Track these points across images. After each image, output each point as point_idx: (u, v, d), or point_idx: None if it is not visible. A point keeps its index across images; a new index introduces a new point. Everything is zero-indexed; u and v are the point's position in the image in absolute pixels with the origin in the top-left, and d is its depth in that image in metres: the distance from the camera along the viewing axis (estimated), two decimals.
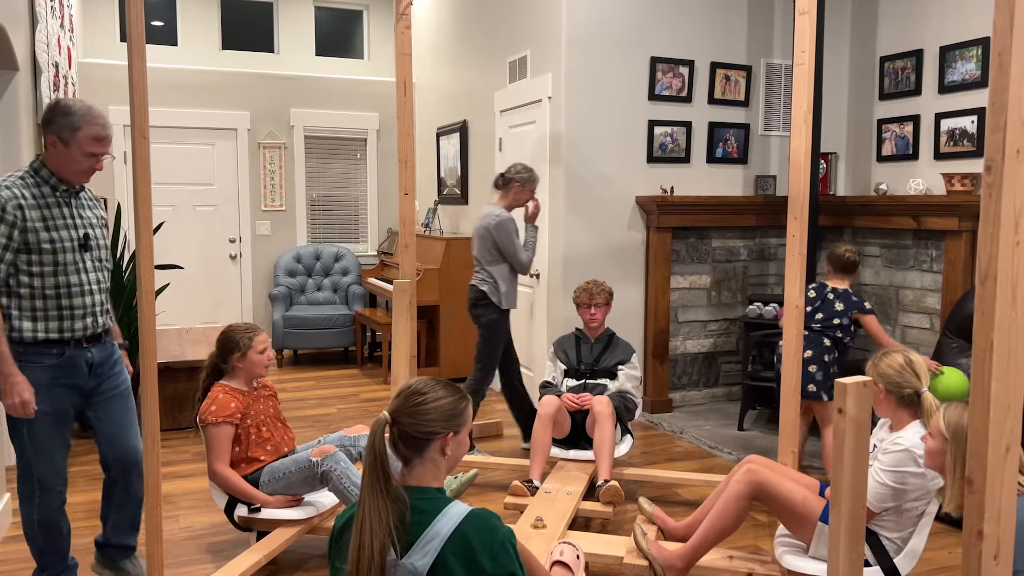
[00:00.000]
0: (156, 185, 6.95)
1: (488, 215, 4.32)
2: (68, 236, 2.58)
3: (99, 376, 2.75)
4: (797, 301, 3.43)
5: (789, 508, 2.67)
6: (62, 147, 2.55)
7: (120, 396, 2.83)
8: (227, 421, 3.03)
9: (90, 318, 2.66)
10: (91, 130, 2.55)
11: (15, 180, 2.54)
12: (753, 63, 5.38)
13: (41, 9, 4.65)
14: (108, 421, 2.79)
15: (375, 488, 1.54)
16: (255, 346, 3.12)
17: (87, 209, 2.72)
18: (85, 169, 2.59)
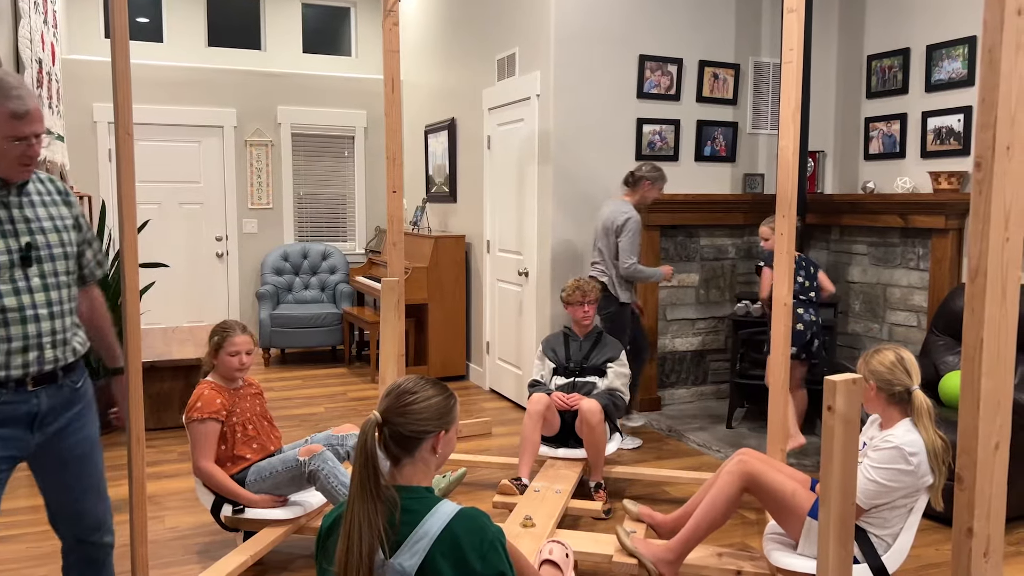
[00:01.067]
0: (141, 183, 6.90)
1: (617, 210, 4.48)
2: (3, 247, 1.94)
3: (46, 431, 2.07)
4: (786, 299, 3.44)
5: (779, 500, 2.67)
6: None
7: (78, 459, 2.15)
8: (212, 417, 3.01)
9: (33, 352, 1.99)
10: (4, 107, 1.89)
11: None
12: (741, 61, 5.39)
13: (24, 4, 4.60)
14: (56, 488, 2.16)
15: (365, 488, 1.53)
16: (226, 347, 3.09)
17: (38, 208, 2.05)
18: (13, 159, 1.94)
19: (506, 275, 5.70)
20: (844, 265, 5.20)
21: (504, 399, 5.78)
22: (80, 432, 2.16)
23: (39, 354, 2.02)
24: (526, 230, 5.33)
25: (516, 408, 5.51)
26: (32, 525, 3.50)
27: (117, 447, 4.61)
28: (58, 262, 2.06)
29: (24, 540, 3.35)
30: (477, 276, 6.21)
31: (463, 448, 4.52)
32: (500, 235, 5.79)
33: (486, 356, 6.07)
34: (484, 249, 6.01)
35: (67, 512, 2.19)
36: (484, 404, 5.68)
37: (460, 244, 6.27)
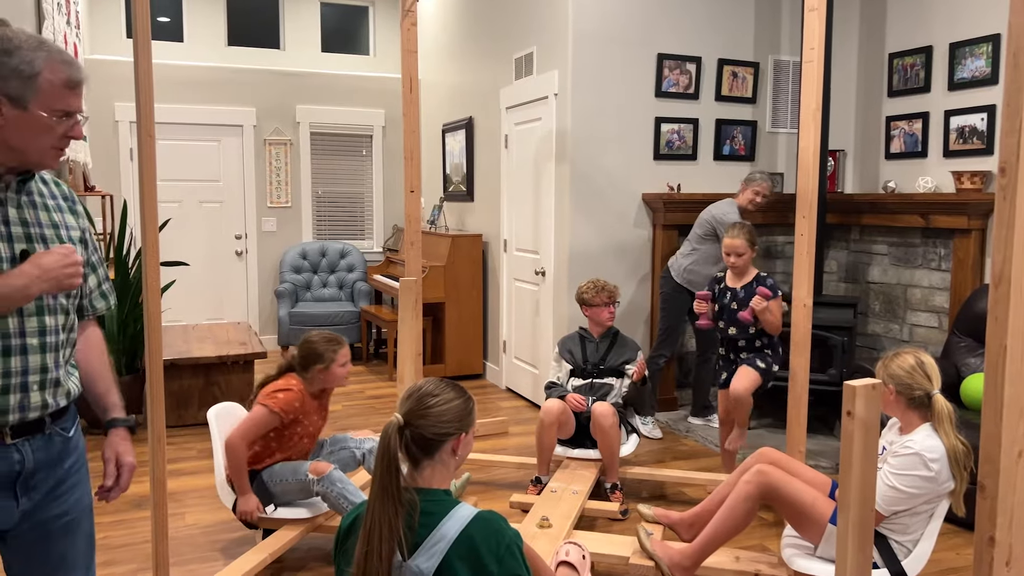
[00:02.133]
0: (162, 181, 6.95)
1: (725, 208, 4.69)
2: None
3: (33, 496, 1.60)
4: (806, 300, 3.41)
5: (798, 510, 2.66)
6: (14, 111, 1.48)
7: (64, 531, 1.66)
8: (280, 413, 3.04)
9: (16, 395, 1.53)
10: (60, 71, 1.51)
11: None
12: (761, 60, 5.35)
13: (47, 5, 4.65)
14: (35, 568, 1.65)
15: (386, 491, 1.53)
16: (338, 359, 3.14)
17: (39, 211, 1.61)
18: (56, 139, 1.54)
19: (523, 274, 5.70)
20: (864, 265, 5.15)
21: (520, 398, 5.79)
22: (71, 495, 1.67)
23: (23, 397, 1.54)
24: (543, 229, 5.33)
25: (532, 407, 5.51)
26: None
27: (139, 443, 4.66)
28: None
29: None
30: (494, 275, 6.21)
31: (480, 447, 4.53)
32: (517, 234, 5.79)
33: (502, 355, 6.08)
34: (501, 248, 6.01)
35: None
36: (500, 403, 5.68)
37: (477, 243, 6.27)
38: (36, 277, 1.47)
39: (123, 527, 3.51)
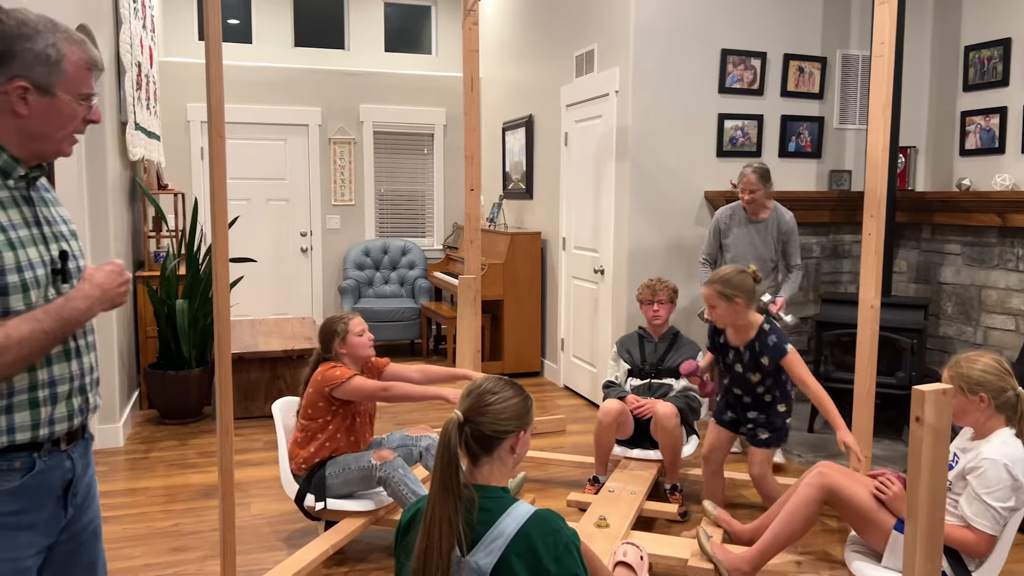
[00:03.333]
0: (231, 179, 7.15)
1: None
2: (38, 258, 1.45)
3: (76, 503, 1.58)
4: (873, 301, 3.32)
5: (862, 514, 2.59)
6: (40, 98, 1.43)
7: (92, 539, 1.65)
8: (356, 374, 3.12)
9: (78, 398, 1.53)
10: (81, 53, 1.47)
11: None
12: (828, 54, 5.22)
13: (125, 11, 4.82)
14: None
15: (447, 487, 1.55)
16: (352, 328, 3.20)
17: (52, 207, 1.56)
18: (76, 128, 1.51)
19: (582, 272, 5.69)
20: (936, 265, 4.98)
21: (578, 396, 5.78)
22: (94, 503, 1.65)
23: (83, 400, 1.54)
24: (602, 227, 5.31)
25: (590, 406, 5.50)
26: (128, 507, 3.69)
27: (207, 435, 4.81)
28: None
29: (121, 522, 3.54)
30: (552, 273, 6.21)
31: (537, 445, 4.54)
32: (576, 232, 5.78)
33: (561, 353, 6.07)
34: (560, 246, 6.01)
35: None
36: (558, 401, 5.68)
37: (536, 241, 6.28)
38: (96, 299, 1.48)
39: (193, 515, 3.63)
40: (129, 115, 4.89)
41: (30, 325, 1.38)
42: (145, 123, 5.50)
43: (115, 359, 4.52)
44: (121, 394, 4.65)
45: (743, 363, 3.23)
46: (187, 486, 3.98)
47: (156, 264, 5.56)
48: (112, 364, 4.50)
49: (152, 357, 5.20)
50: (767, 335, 3.15)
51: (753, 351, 3.18)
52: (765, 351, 3.15)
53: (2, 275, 1.38)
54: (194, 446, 4.60)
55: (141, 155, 5.22)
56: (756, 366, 3.19)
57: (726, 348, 3.31)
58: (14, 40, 1.40)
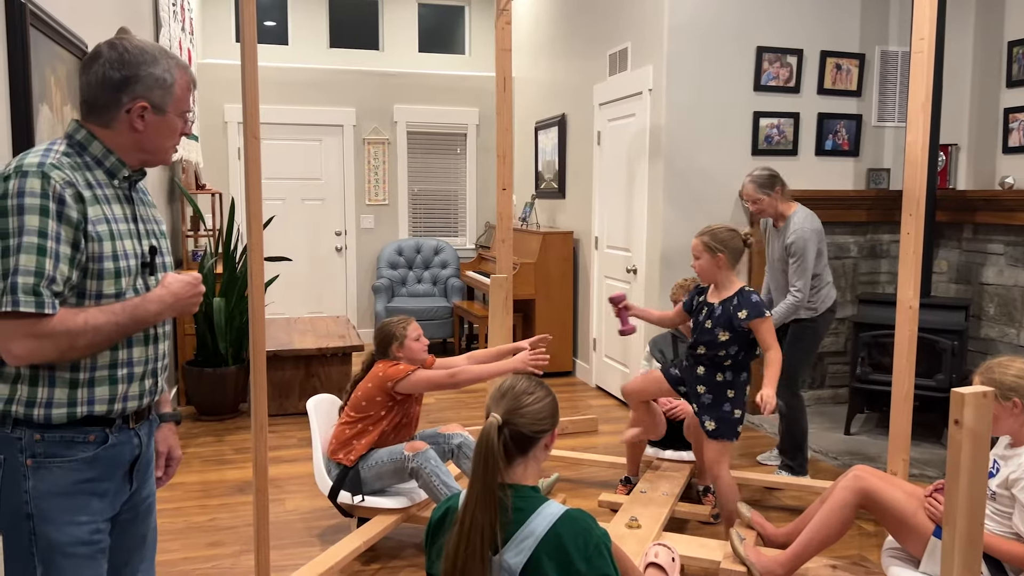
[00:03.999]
0: (267, 179, 7.25)
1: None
2: (132, 250, 1.63)
3: (140, 477, 1.74)
4: (912, 302, 3.26)
5: (899, 519, 2.54)
6: (155, 116, 1.63)
7: (147, 514, 1.80)
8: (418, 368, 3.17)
9: (150, 380, 1.70)
10: (186, 76, 1.69)
11: (60, 156, 1.56)
12: (867, 51, 5.13)
13: (164, 13, 4.91)
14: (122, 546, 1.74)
15: (488, 491, 1.56)
16: (410, 334, 3.26)
17: (149, 207, 1.77)
18: (176, 141, 1.72)
19: (614, 272, 5.67)
20: (978, 266, 4.87)
21: (610, 396, 5.75)
22: (151, 479, 1.82)
23: (154, 382, 1.71)
24: (635, 227, 5.28)
25: (622, 406, 5.48)
26: (166, 502, 3.75)
27: (243, 431, 4.88)
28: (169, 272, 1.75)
29: (159, 516, 3.60)
30: (584, 272, 6.20)
31: (569, 445, 4.53)
32: (608, 231, 5.75)
33: (592, 353, 6.06)
34: (592, 245, 5.99)
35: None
36: (590, 401, 5.67)
37: (568, 240, 6.27)
38: (169, 305, 1.63)
39: (228, 510, 3.68)
40: None
41: (107, 317, 1.54)
42: None
43: None
44: None
45: (714, 318, 3.12)
46: (223, 482, 4.05)
47: (194, 263, 5.66)
48: None
49: (190, 354, 5.29)
50: (750, 294, 3.09)
51: (729, 307, 3.09)
52: (744, 305, 3.06)
53: (101, 260, 1.55)
54: (230, 442, 4.67)
55: (179, 155, 5.31)
56: (728, 323, 3.08)
57: (702, 306, 3.22)
58: (138, 66, 1.60)
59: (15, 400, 1.54)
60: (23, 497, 1.54)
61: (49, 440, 1.55)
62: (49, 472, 1.55)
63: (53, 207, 1.48)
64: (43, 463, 1.55)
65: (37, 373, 1.54)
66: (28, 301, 1.45)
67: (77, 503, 1.57)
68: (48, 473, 1.55)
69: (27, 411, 1.53)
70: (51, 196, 1.48)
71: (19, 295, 1.45)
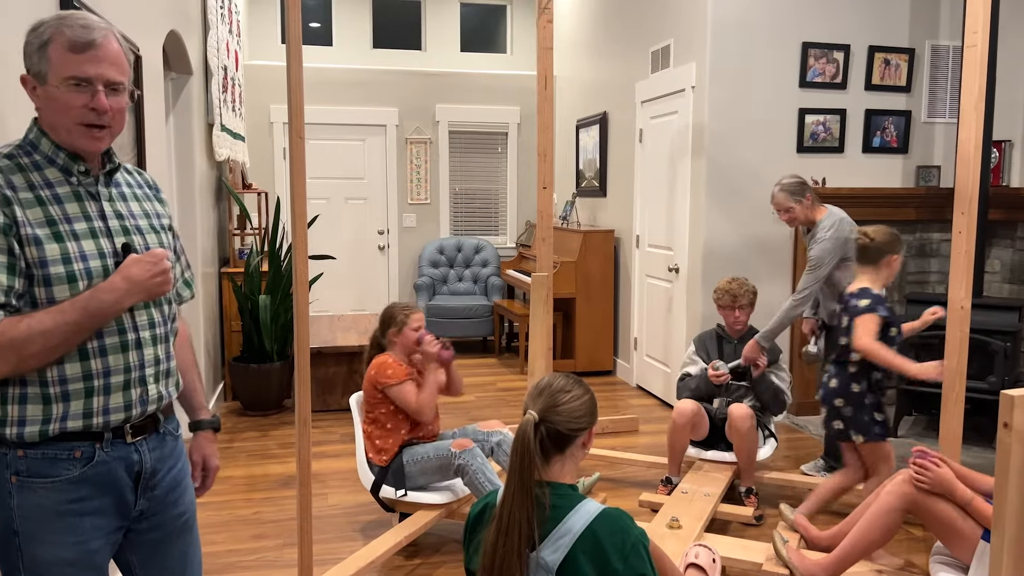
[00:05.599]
0: (311, 179, 7.35)
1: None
2: (95, 249, 1.49)
3: (153, 495, 1.63)
4: (963, 302, 3.18)
5: (947, 524, 2.49)
6: (39, 87, 1.47)
7: (182, 531, 1.71)
8: (408, 379, 3.22)
9: (137, 389, 1.56)
10: (64, 36, 1.44)
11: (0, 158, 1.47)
12: (917, 46, 5.02)
13: (212, 16, 5.02)
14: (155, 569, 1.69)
15: (524, 487, 1.57)
16: (410, 323, 3.29)
17: (129, 202, 1.61)
18: (79, 116, 1.46)
19: (655, 271, 5.63)
20: None
21: (651, 396, 5.72)
22: (186, 495, 1.71)
23: (142, 391, 1.56)
24: (677, 225, 5.24)
25: (663, 406, 5.44)
26: (211, 495, 3.83)
27: (287, 426, 4.97)
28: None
29: (205, 509, 3.68)
30: (626, 271, 6.17)
31: (609, 444, 4.52)
32: (650, 230, 5.72)
33: (633, 352, 6.02)
34: (633, 244, 5.96)
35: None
36: (631, 401, 5.64)
37: (609, 239, 6.25)
38: (126, 291, 1.47)
39: (271, 504, 3.75)
40: (215, 117, 5.09)
41: (53, 317, 1.41)
42: (231, 125, 5.71)
43: (201, 352, 4.71)
44: (207, 386, 4.84)
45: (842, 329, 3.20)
46: (267, 476, 4.12)
47: (240, 261, 5.77)
48: (199, 357, 4.69)
49: (236, 350, 5.40)
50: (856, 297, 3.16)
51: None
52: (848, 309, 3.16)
53: (44, 266, 1.42)
54: (274, 437, 4.76)
55: (226, 156, 5.42)
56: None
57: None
58: (27, 38, 1.45)
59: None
60: (10, 514, 1.47)
61: (32, 457, 1.46)
62: (33, 492, 1.46)
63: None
64: (26, 483, 1.46)
65: (6, 391, 1.45)
66: None
67: (65, 524, 1.48)
68: (32, 493, 1.46)
69: (1, 430, 1.45)
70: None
71: None
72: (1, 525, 1.49)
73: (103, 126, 1.48)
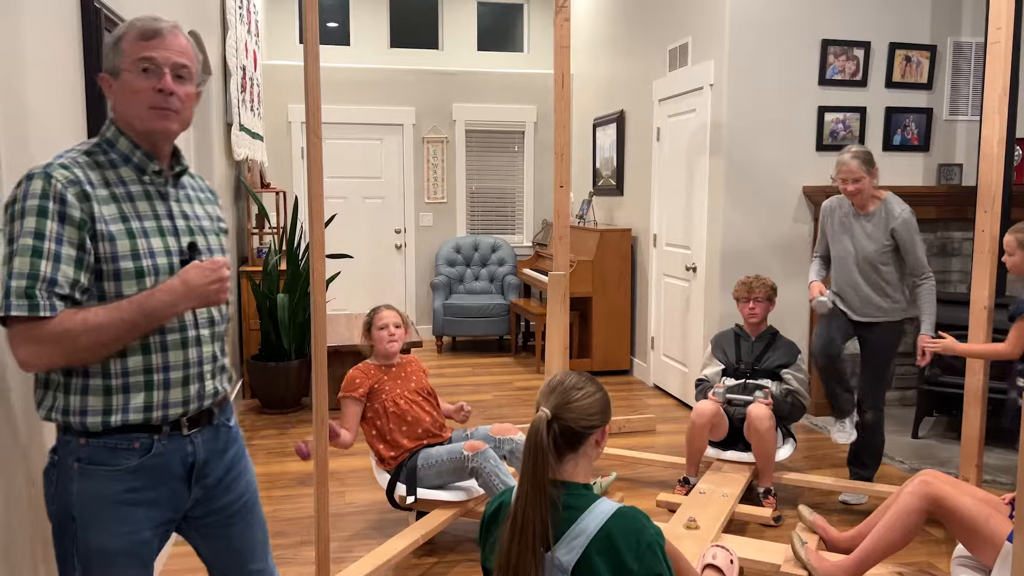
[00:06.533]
0: (329, 178, 7.38)
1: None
2: (163, 247, 1.57)
3: (205, 483, 1.69)
4: (985, 302, 3.15)
5: (970, 526, 2.45)
6: (114, 81, 1.56)
7: (244, 514, 1.79)
8: (350, 396, 3.27)
9: (195, 385, 1.62)
10: (135, 29, 1.54)
11: (73, 158, 1.53)
12: (938, 42, 4.96)
13: (231, 17, 5.05)
14: (223, 554, 1.79)
15: (538, 485, 1.56)
16: (375, 322, 3.31)
17: (195, 204, 1.70)
18: (148, 98, 1.53)
19: (673, 270, 5.60)
20: None
21: (669, 396, 5.69)
22: (241, 480, 1.78)
23: (200, 387, 1.63)
24: (695, 224, 5.21)
25: (681, 406, 5.41)
26: None
27: (305, 424, 4.99)
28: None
29: None
30: (643, 270, 6.14)
31: (627, 444, 4.50)
32: (667, 229, 5.69)
33: (650, 352, 6.00)
34: (650, 243, 5.94)
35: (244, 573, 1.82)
36: (648, 400, 5.62)
37: (626, 238, 6.22)
38: (183, 295, 1.52)
39: (289, 502, 3.77)
40: (234, 117, 5.12)
41: (109, 313, 1.46)
42: (249, 124, 5.74)
43: None
44: None
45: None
46: (285, 474, 4.14)
47: (259, 260, 5.80)
48: None
49: (254, 349, 5.43)
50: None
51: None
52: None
53: (115, 261, 1.49)
54: (292, 435, 4.78)
55: (245, 155, 5.45)
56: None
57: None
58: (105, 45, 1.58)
59: (54, 408, 1.53)
60: (70, 499, 1.54)
61: (94, 445, 1.53)
62: (93, 479, 1.53)
63: (53, 207, 1.44)
64: (87, 469, 1.53)
65: (70, 381, 1.51)
66: (20, 304, 1.41)
67: (120, 513, 1.55)
68: (92, 480, 1.53)
69: (65, 418, 1.52)
70: (51, 196, 1.44)
71: (11, 299, 1.41)
72: (61, 510, 1.56)
73: (171, 109, 1.55)
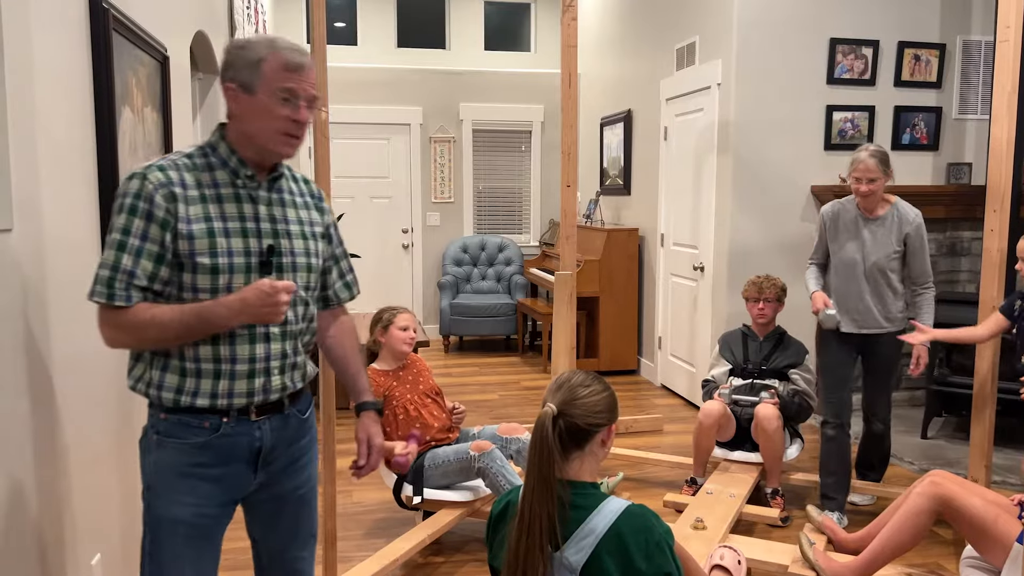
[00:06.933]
0: (336, 178, 7.39)
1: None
2: (243, 247, 1.66)
3: (270, 469, 1.78)
4: (995, 301, 3.13)
5: (980, 527, 2.44)
6: (244, 96, 1.65)
7: (299, 503, 1.88)
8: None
9: (260, 379, 1.70)
10: (280, 57, 1.64)
11: (174, 160, 1.66)
12: (948, 41, 4.94)
13: (239, 17, 5.06)
14: (271, 536, 1.89)
15: (544, 481, 1.55)
16: (396, 322, 3.28)
17: (287, 208, 1.77)
18: (283, 125, 1.66)
19: (680, 269, 5.59)
20: None
21: (676, 396, 5.68)
22: (304, 471, 1.86)
23: (265, 380, 1.71)
24: (702, 224, 5.20)
25: (688, 406, 5.40)
26: None
27: None
28: (300, 273, 1.75)
29: None
30: (650, 270, 6.13)
31: (634, 444, 4.49)
32: (675, 228, 5.68)
33: (658, 351, 5.99)
34: (658, 242, 5.92)
35: (280, 568, 1.92)
36: (655, 400, 5.61)
37: (633, 237, 6.21)
38: (238, 311, 1.60)
39: None
40: None
41: (173, 315, 1.60)
42: None
43: None
44: None
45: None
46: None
47: None
48: None
49: None
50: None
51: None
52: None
53: (193, 256, 1.61)
54: None
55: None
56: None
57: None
58: (234, 52, 1.66)
59: (141, 379, 1.68)
60: (151, 468, 1.69)
61: (171, 420, 1.67)
62: (167, 451, 1.67)
63: (142, 206, 1.59)
64: (164, 441, 1.67)
65: (155, 356, 1.66)
66: (101, 292, 1.58)
67: (187, 484, 1.67)
68: (166, 451, 1.67)
69: (147, 390, 1.67)
70: (142, 196, 1.59)
71: (96, 286, 1.59)
72: (144, 479, 1.71)
73: (298, 137, 1.69)
